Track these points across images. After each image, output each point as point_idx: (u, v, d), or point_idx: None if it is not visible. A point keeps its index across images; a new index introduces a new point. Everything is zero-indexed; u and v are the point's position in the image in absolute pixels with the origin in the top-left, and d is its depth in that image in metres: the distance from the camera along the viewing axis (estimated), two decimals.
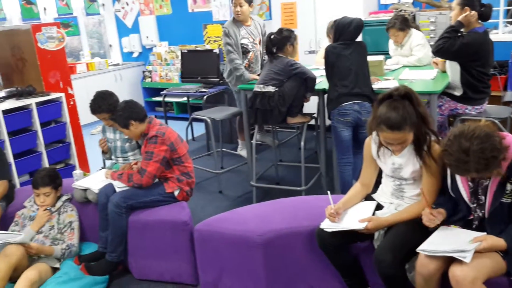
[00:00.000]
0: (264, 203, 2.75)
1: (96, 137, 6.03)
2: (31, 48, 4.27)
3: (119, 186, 2.90)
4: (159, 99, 6.38)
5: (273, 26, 5.07)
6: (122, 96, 3.32)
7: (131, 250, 2.89)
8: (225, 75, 4.64)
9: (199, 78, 5.41)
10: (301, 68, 3.51)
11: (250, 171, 4.02)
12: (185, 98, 6.05)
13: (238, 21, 4.43)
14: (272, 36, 3.61)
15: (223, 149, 4.93)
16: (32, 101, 4.05)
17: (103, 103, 3.14)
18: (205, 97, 5.12)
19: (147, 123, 2.92)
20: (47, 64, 4.33)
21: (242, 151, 4.84)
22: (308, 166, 3.98)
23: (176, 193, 2.93)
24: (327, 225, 2.22)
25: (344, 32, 3.34)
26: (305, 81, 3.53)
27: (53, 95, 4.25)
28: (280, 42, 3.57)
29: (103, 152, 3.40)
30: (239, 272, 2.49)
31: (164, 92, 5.50)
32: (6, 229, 2.96)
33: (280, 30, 3.63)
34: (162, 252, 2.82)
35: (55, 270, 2.76)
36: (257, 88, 3.60)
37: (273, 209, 2.60)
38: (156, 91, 7.12)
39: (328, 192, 2.39)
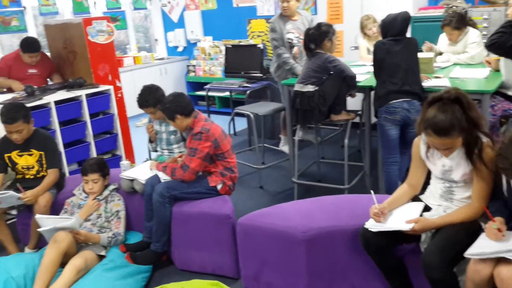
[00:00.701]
0: (307, 200, 2.73)
1: (141, 129, 6.18)
2: (82, 41, 4.39)
3: (165, 177, 2.96)
4: (202, 93, 6.45)
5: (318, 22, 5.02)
6: (167, 90, 3.38)
7: (174, 241, 2.94)
8: (272, 70, 4.65)
9: (242, 73, 5.43)
10: (340, 65, 3.43)
11: (292, 167, 4.00)
12: (227, 93, 6.08)
13: (284, 16, 4.43)
14: (310, 32, 3.55)
15: (265, 145, 4.94)
16: (82, 93, 4.18)
17: (150, 97, 3.20)
18: (248, 92, 5.13)
19: (193, 118, 2.95)
20: (96, 57, 4.45)
21: (284, 147, 4.83)
22: (351, 164, 3.92)
23: (219, 187, 2.96)
24: (372, 225, 2.18)
25: (391, 27, 3.26)
26: (345, 79, 3.47)
27: (102, 87, 4.37)
28: (318, 37, 3.50)
29: (150, 141, 3.47)
30: (281, 267, 2.49)
31: (208, 86, 5.56)
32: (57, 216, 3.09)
33: (319, 25, 3.55)
34: (204, 244, 2.85)
35: (101, 257, 2.84)
36: (297, 87, 3.56)
37: (317, 206, 2.58)
38: (199, 85, 7.21)
39: (371, 191, 2.35)
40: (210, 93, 6.20)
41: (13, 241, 3.21)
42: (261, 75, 5.22)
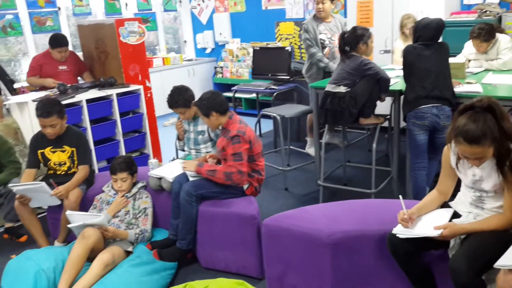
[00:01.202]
0: (333, 203, 2.72)
1: (169, 128, 6.27)
2: (113, 41, 4.48)
3: (193, 175, 2.98)
4: (229, 94, 6.48)
5: (348, 25, 5.00)
6: (194, 90, 3.41)
7: (200, 239, 2.97)
8: (303, 71, 4.68)
9: (269, 75, 5.45)
10: (374, 67, 3.41)
11: (318, 170, 3.99)
12: (254, 95, 6.10)
13: (318, 18, 4.48)
14: (345, 35, 3.54)
15: (290, 147, 4.94)
16: (113, 92, 4.27)
17: (179, 98, 3.24)
18: (274, 94, 5.14)
19: (227, 118, 2.98)
20: (128, 57, 4.54)
21: (310, 149, 4.83)
22: (378, 169, 3.87)
23: (245, 187, 2.98)
24: (400, 231, 2.15)
25: (424, 32, 3.23)
26: (378, 82, 3.44)
27: (133, 87, 4.45)
28: (353, 40, 3.49)
29: (178, 139, 3.51)
30: (305, 270, 2.48)
31: (235, 88, 5.59)
32: (86, 212, 3.16)
33: (354, 29, 3.55)
34: (229, 244, 2.87)
35: (128, 253, 2.89)
36: (328, 88, 3.55)
37: (343, 209, 2.56)
38: (226, 87, 7.27)
39: (400, 196, 2.32)
40: (237, 95, 6.24)
41: (44, 234, 3.29)
42: (288, 77, 5.22)
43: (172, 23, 8.27)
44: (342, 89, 3.45)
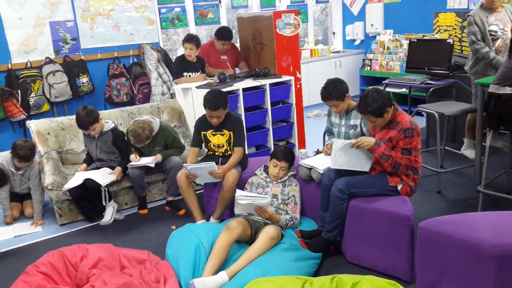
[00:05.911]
0: (500, 212, 2.47)
1: (312, 120, 6.32)
2: (270, 33, 4.64)
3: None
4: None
5: None
6: None
7: (347, 233, 2.94)
8: (467, 67, 4.35)
9: (425, 69, 5.11)
10: None
11: (477, 175, 3.65)
12: (404, 89, 5.81)
13: (487, 8, 4.12)
14: None
15: (446, 147, 4.60)
16: (266, 82, 4.44)
17: (334, 90, 3.18)
18: (431, 89, 4.83)
19: (393, 110, 2.88)
20: (281, 48, 4.67)
21: (466, 151, 4.45)
22: None
23: (399, 187, 2.86)
24: None
25: None
26: None
27: (284, 78, 4.57)
28: None
29: (329, 133, 3.51)
30: (463, 280, 2.30)
31: (386, 81, 5.38)
32: None
33: None
34: (378, 242, 2.79)
35: None
36: (492, 89, 3.22)
37: None
38: (373, 80, 7.05)
39: None
40: (387, 89, 6.00)
41: (199, 208, 3.55)
42: (448, 72, 4.85)
43: (318, 15, 8.27)
44: (508, 90, 3.11)
